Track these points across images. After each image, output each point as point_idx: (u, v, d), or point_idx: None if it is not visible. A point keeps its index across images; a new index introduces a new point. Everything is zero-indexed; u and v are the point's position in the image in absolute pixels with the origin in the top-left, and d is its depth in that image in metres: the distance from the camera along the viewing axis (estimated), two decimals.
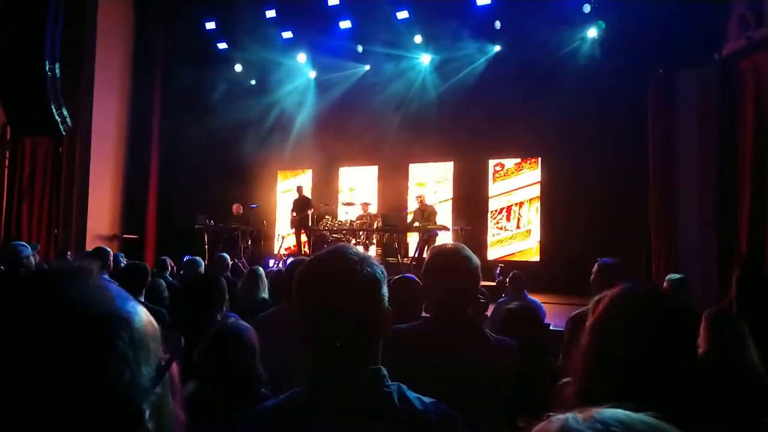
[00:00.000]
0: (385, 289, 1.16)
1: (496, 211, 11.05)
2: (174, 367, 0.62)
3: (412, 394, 1.13)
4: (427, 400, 1.14)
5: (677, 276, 4.83)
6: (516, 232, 10.81)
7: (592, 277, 2.88)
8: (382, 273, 1.18)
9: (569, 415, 0.51)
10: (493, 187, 11.12)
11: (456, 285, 1.84)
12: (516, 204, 10.89)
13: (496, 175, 11.12)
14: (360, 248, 9.13)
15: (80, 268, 0.59)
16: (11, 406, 0.49)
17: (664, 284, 4.80)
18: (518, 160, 10.93)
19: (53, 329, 0.52)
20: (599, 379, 1.04)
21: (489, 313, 4.61)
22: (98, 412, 0.52)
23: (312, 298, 1.14)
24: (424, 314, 2.41)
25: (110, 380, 0.53)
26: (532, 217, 10.69)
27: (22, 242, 4.04)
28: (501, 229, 10.96)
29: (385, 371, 1.14)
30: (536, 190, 10.69)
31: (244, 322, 2.15)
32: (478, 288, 2.00)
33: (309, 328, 1.13)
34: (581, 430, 0.49)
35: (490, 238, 10.98)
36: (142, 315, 0.59)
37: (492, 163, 11.14)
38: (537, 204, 10.65)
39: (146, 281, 3.77)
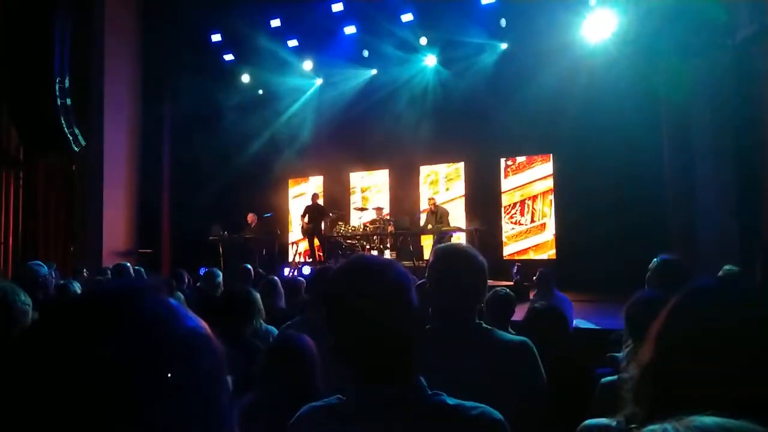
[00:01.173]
0: (413, 294, 1.12)
1: (509, 205, 10.97)
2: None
3: (453, 401, 1.09)
4: (469, 404, 1.10)
5: (734, 268, 3.90)
6: (531, 226, 10.72)
7: (648, 274, 2.74)
8: (407, 277, 1.13)
9: (667, 425, 0.48)
10: (506, 182, 11.04)
11: (462, 286, 1.76)
12: (529, 198, 10.80)
13: (508, 169, 11.05)
14: (374, 253, 9.12)
15: (154, 285, 0.55)
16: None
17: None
18: (530, 158, 10.84)
19: (152, 347, 0.48)
20: (678, 386, 0.88)
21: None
22: None
23: (341, 313, 1.10)
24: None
25: (199, 403, 0.49)
26: (546, 211, 10.60)
27: (38, 261, 4.03)
28: (516, 223, 10.88)
29: (424, 381, 1.11)
30: (549, 183, 10.60)
31: (303, 334, 2.09)
32: (485, 288, 1.92)
33: (340, 345, 1.10)
34: None
35: (504, 234, 10.90)
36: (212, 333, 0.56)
37: (503, 161, 11.07)
38: (551, 197, 10.56)
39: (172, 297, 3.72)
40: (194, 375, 0.50)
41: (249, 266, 6.24)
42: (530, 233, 10.76)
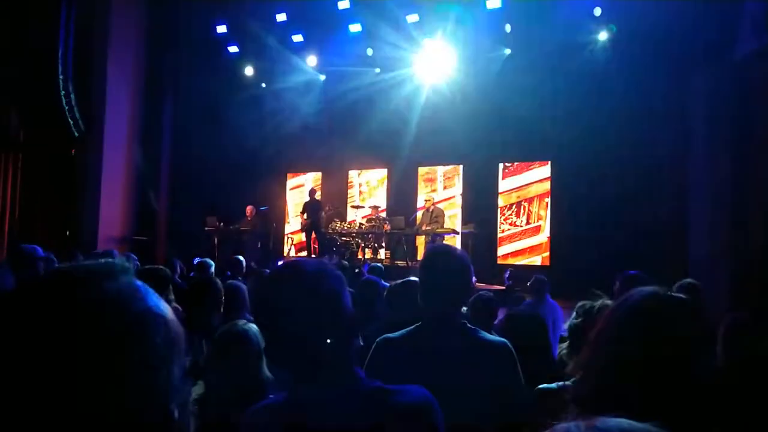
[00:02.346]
0: (343, 299, 1.15)
1: (506, 206, 11.00)
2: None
3: (393, 387, 1.14)
4: (401, 387, 1.15)
5: (688, 281, 4.61)
6: (526, 228, 10.75)
7: (615, 288, 2.82)
8: (340, 282, 1.17)
9: (572, 424, 0.50)
10: (503, 183, 11.07)
11: (448, 285, 1.81)
12: (526, 200, 10.84)
13: (506, 170, 11.09)
14: (368, 251, 9.11)
15: (115, 266, 0.58)
16: (53, 402, 0.48)
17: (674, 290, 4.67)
18: (528, 163, 10.88)
19: (94, 328, 0.51)
20: (602, 386, 0.99)
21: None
22: (137, 410, 0.51)
23: (271, 319, 1.15)
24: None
25: (150, 379, 0.53)
26: (541, 213, 10.63)
27: (33, 245, 4.05)
28: (511, 225, 10.91)
29: (361, 373, 1.16)
30: (546, 185, 10.63)
31: (253, 325, 2.10)
32: (470, 288, 1.98)
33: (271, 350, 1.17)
34: None
35: (499, 234, 10.91)
36: (172, 315, 0.59)
37: (501, 166, 11.11)
38: (547, 199, 10.60)
39: (168, 286, 3.69)
40: (145, 352, 0.53)
41: (241, 257, 6.26)
42: (525, 235, 10.80)
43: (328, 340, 1.09)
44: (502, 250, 10.83)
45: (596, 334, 1.08)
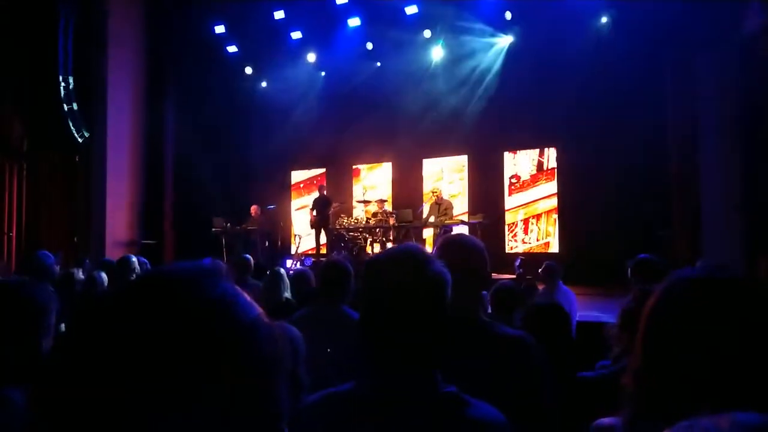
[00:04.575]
0: (449, 293, 1.15)
1: (513, 224, 10.91)
2: None
3: (467, 398, 1.11)
4: (479, 402, 1.11)
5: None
6: (535, 245, 10.66)
7: (629, 274, 2.75)
8: (447, 274, 1.16)
9: (705, 421, 0.46)
10: (510, 200, 10.97)
11: (464, 276, 1.73)
12: (533, 216, 10.73)
13: (512, 188, 10.98)
14: (376, 246, 9.05)
15: (216, 270, 0.53)
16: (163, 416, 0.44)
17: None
18: (535, 151, 10.79)
19: (200, 338, 0.46)
20: (670, 379, 0.87)
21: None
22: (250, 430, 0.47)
23: (381, 291, 1.12)
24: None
25: (260, 395, 0.49)
26: (550, 230, 10.53)
27: (45, 251, 4.05)
28: (519, 242, 10.82)
29: (440, 376, 1.12)
30: (554, 201, 10.51)
31: (290, 326, 2.05)
32: (488, 278, 1.91)
33: (371, 321, 1.11)
34: None
35: (507, 248, 10.81)
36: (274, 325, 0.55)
37: (507, 156, 11.03)
38: (554, 216, 10.49)
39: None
40: (253, 364, 0.49)
41: (248, 257, 6.24)
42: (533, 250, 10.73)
43: (429, 330, 1.07)
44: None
45: (643, 336, 0.92)
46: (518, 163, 10.95)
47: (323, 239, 10.81)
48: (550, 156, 10.64)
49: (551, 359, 2.00)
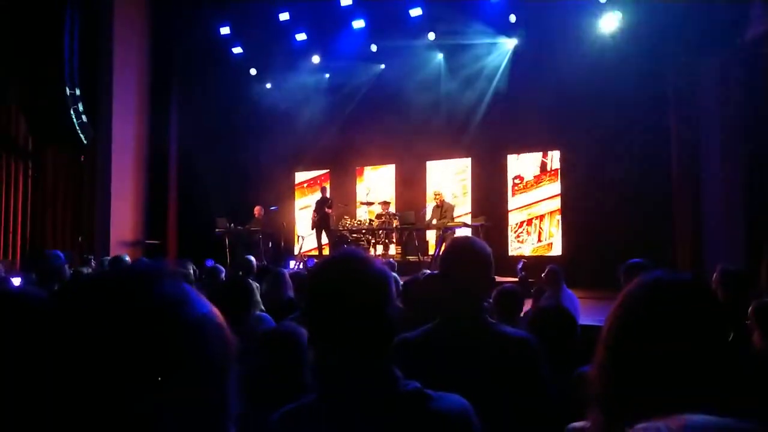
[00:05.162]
0: (393, 290, 1.15)
1: (516, 224, 10.92)
2: None
3: (430, 392, 1.11)
4: (445, 395, 1.12)
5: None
6: (538, 246, 10.67)
7: (621, 279, 2.77)
8: (388, 271, 1.17)
9: (659, 424, 0.48)
10: (513, 201, 10.99)
11: (471, 277, 1.75)
12: (537, 217, 10.75)
13: (515, 188, 11.00)
14: (380, 247, 9.08)
15: (170, 270, 0.55)
16: (103, 414, 0.45)
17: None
18: (539, 154, 10.80)
19: (145, 338, 0.48)
20: (624, 380, 0.92)
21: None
22: (195, 428, 0.48)
23: (323, 297, 1.13)
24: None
25: (206, 393, 0.49)
26: (553, 230, 10.54)
27: (56, 251, 4.06)
28: (522, 242, 10.83)
29: (398, 372, 1.12)
30: (557, 203, 10.52)
31: (298, 325, 2.04)
32: (493, 280, 1.93)
33: (319, 328, 1.12)
34: None
35: (509, 250, 10.82)
36: (224, 322, 0.56)
37: (511, 158, 11.04)
38: (558, 217, 10.50)
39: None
40: (202, 360, 0.49)
41: (251, 258, 6.28)
42: (537, 252, 10.73)
43: (376, 324, 1.08)
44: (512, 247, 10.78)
45: (607, 332, 0.99)
46: (522, 164, 10.97)
47: (324, 239, 10.85)
48: (554, 158, 10.65)
49: (558, 362, 2.01)
